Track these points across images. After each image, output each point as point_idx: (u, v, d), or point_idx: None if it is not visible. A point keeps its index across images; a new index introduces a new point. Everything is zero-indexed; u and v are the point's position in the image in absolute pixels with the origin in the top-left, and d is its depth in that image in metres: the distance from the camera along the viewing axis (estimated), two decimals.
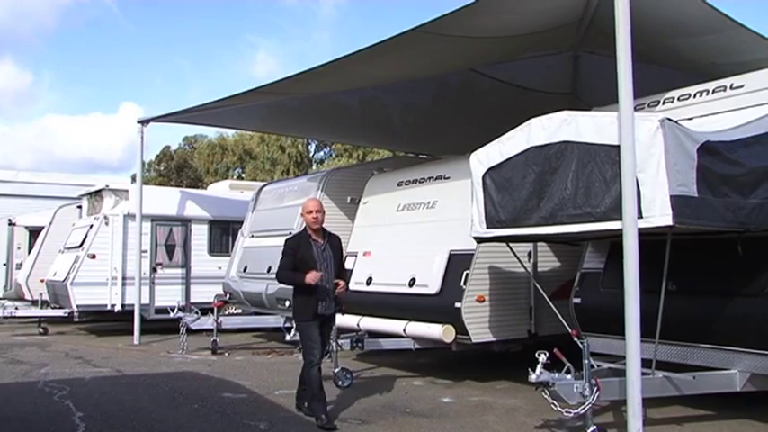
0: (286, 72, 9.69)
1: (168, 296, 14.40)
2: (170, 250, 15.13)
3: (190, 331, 12.03)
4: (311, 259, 6.71)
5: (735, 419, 6.70)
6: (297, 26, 72.61)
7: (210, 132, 50.82)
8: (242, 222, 14.03)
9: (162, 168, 51.13)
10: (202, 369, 10.05)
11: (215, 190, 18.88)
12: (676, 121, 5.67)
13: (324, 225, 7.05)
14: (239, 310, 14.01)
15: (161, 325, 14.06)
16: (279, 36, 74.81)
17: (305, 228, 7.02)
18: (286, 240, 7.03)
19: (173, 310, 12.37)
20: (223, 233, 15.77)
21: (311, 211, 6.87)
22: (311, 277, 6.47)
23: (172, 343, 12.69)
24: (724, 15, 7.58)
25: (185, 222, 15.31)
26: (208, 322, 12.10)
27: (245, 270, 13.00)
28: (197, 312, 12.41)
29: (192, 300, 14.73)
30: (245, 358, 11.26)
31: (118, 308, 14.15)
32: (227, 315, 13.53)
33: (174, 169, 50.48)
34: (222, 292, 13.71)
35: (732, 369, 6.34)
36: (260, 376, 9.41)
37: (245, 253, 13.31)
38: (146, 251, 14.27)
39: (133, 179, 18.58)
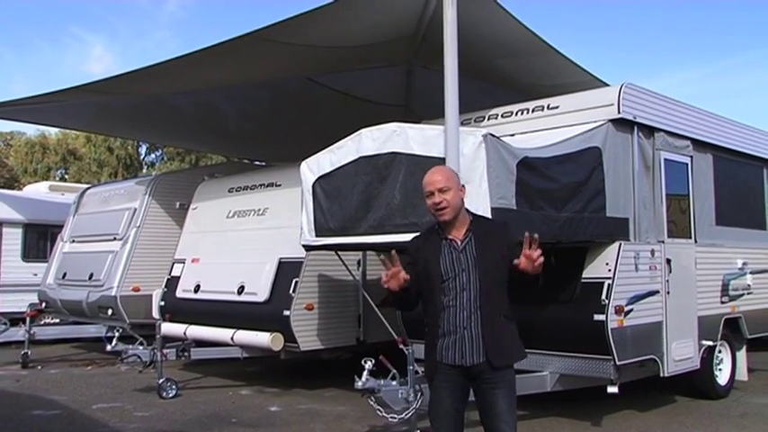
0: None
1: None
2: None
3: None
4: (436, 270, 3.87)
5: (545, 418, 7.13)
6: (131, 23, 69.18)
7: (30, 129, 47.39)
8: (62, 226, 13.19)
9: None
10: (9, 385, 9.30)
11: (32, 191, 17.59)
12: (498, 137, 5.96)
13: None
14: (57, 320, 13.12)
15: None
16: (107, 31, 70.72)
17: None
18: (410, 242, 4.20)
19: None
20: (40, 237, 14.70)
21: (431, 192, 3.96)
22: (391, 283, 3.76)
23: None
24: (544, 41, 8.12)
25: None
26: (18, 333, 11.25)
27: (64, 277, 12.21)
28: (5, 323, 11.48)
29: (2, 309, 13.54)
30: (62, 371, 10.56)
31: None
32: (43, 325, 12.64)
33: None
34: (37, 301, 12.80)
35: (544, 371, 6.75)
36: (77, 390, 8.86)
37: (65, 259, 12.51)
38: None
39: None
